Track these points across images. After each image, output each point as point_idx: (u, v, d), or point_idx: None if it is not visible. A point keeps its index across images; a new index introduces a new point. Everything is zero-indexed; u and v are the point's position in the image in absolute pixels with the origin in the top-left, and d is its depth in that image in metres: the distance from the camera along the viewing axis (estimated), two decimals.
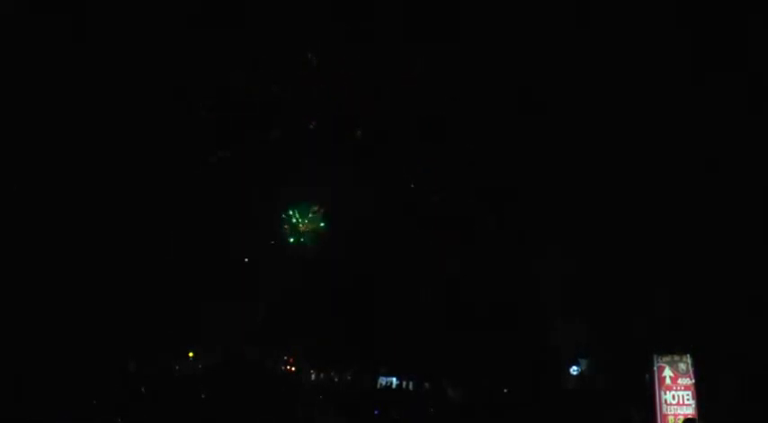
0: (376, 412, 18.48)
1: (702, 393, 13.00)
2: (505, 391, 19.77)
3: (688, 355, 13.22)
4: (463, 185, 20.86)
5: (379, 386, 22.92)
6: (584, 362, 19.72)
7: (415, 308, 20.51)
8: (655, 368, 13.35)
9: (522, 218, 20.12)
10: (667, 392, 13.15)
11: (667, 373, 13.25)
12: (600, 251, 18.37)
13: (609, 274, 18.08)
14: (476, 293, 20.28)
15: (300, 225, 23.76)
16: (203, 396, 18.79)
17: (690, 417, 12.77)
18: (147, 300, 20.87)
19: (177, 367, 23.70)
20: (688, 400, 13.00)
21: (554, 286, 19.47)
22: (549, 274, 19.64)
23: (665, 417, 13.10)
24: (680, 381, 13.14)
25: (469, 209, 20.90)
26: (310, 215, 23.79)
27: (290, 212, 23.78)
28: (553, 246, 19.67)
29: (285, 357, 24.57)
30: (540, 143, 19.74)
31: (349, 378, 23.88)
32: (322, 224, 23.74)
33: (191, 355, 24.24)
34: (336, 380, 24.17)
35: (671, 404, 13.07)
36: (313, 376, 24.60)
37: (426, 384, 22.11)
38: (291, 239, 23.64)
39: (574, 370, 19.79)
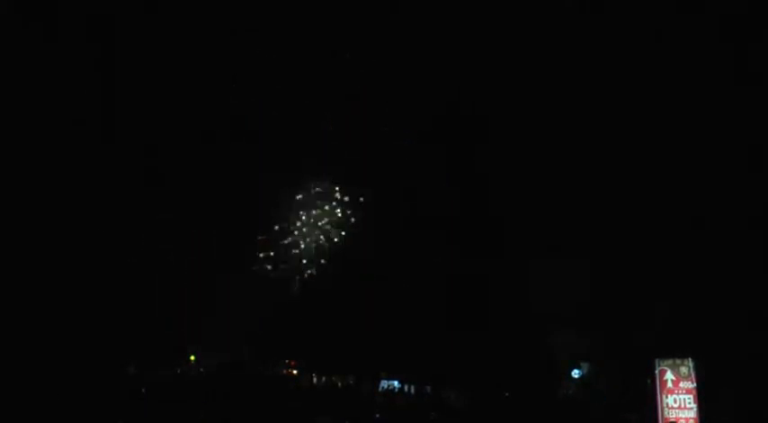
0: (377, 416, 18.41)
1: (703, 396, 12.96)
2: (507, 394, 19.66)
3: (689, 359, 13.12)
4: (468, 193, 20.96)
5: (380, 389, 22.80)
6: (585, 365, 19.62)
7: (416, 312, 20.43)
8: (656, 372, 13.26)
9: (526, 228, 20.15)
10: (669, 396, 13.11)
11: (669, 376, 13.19)
12: (604, 260, 18.36)
13: (613, 281, 18.06)
14: (477, 299, 20.21)
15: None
16: (204, 398, 18.72)
17: (672, 420, 12.77)
18: (149, 304, 20.91)
19: (179, 370, 23.66)
20: (689, 403, 12.93)
21: (555, 294, 19.40)
22: (551, 283, 19.58)
23: (666, 421, 13.04)
24: (681, 384, 13.09)
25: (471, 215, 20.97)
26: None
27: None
28: (556, 257, 19.64)
29: (286, 361, 24.48)
30: (547, 155, 19.82)
31: (351, 382, 23.76)
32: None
33: (192, 358, 24.19)
34: (340, 384, 24.05)
35: (672, 408, 13.03)
36: (314, 380, 24.50)
37: (428, 388, 22.02)
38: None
39: (575, 373, 19.68)
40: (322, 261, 23.23)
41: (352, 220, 23.32)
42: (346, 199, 23.50)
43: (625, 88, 18.51)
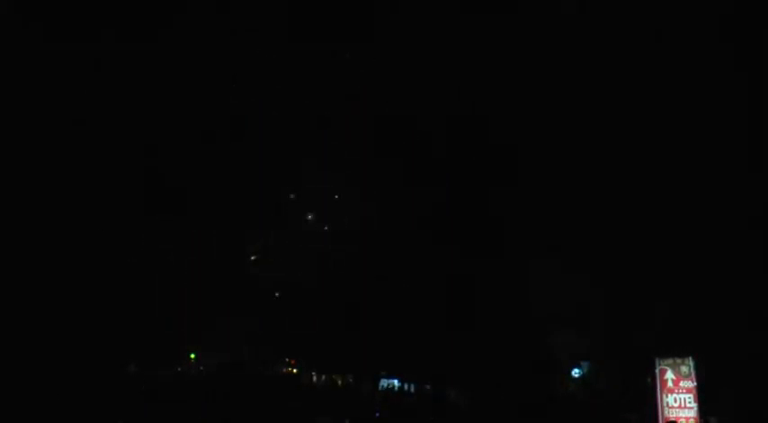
0: (377, 414, 18.43)
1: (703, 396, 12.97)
2: (506, 394, 19.65)
3: (690, 358, 13.10)
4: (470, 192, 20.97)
5: (380, 388, 22.83)
6: (585, 364, 19.64)
7: (416, 312, 20.46)
8: (656, 371, 13.25)
9: (526, 228, 20.16)
10: (669, 395, 13.09)
11: (669, 375, 13.17)
12: (604, 260, 18.38)
13: (613, 281, 18.08)
14: (477, 299, 20.24)
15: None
16: (204, 398, 18.74)
17: (672, 419, 12.78)
18: (149, 304, 20.91)
19: (179, 369, 23.71)
20: (690, 402, 12.90)
21: (555, 294, 19.41)
22: (551, 283, 19.58)
23: (666, 420, 13.05)
24: (682, 383, 13.06)
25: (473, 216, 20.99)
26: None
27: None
28: (556, 257, 19.65)
29: (286, 359, 24.53)
30: (546, 154, 19.85)
31: (350, 380, 23.80)
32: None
33: (192, 356, 24.23)
34: (340, 383, 24.10)
35: (672, 407, 12.99)
36: (314, 378, 24.54)
37: (427, 386, 22.04)
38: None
39: (575, 372, 19.70)
40: (322, 260, 23.27)
41: (352, 220, 23.34)
42: (346, 199, 23.53)
43: (624, 88, 18.54)
